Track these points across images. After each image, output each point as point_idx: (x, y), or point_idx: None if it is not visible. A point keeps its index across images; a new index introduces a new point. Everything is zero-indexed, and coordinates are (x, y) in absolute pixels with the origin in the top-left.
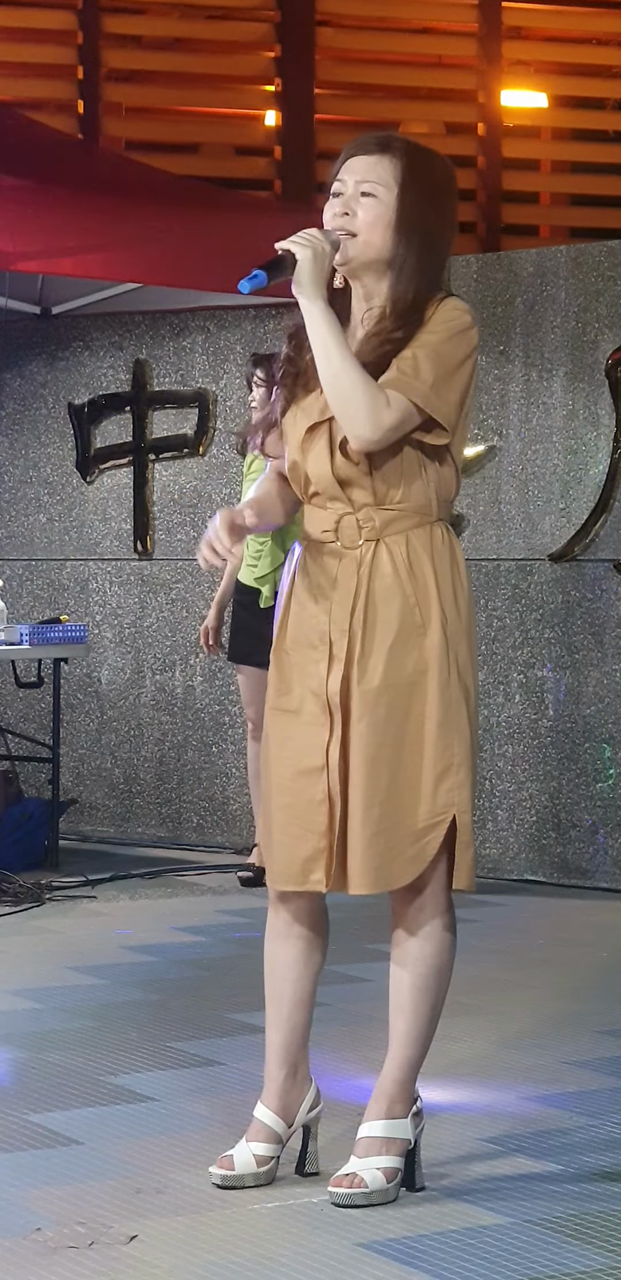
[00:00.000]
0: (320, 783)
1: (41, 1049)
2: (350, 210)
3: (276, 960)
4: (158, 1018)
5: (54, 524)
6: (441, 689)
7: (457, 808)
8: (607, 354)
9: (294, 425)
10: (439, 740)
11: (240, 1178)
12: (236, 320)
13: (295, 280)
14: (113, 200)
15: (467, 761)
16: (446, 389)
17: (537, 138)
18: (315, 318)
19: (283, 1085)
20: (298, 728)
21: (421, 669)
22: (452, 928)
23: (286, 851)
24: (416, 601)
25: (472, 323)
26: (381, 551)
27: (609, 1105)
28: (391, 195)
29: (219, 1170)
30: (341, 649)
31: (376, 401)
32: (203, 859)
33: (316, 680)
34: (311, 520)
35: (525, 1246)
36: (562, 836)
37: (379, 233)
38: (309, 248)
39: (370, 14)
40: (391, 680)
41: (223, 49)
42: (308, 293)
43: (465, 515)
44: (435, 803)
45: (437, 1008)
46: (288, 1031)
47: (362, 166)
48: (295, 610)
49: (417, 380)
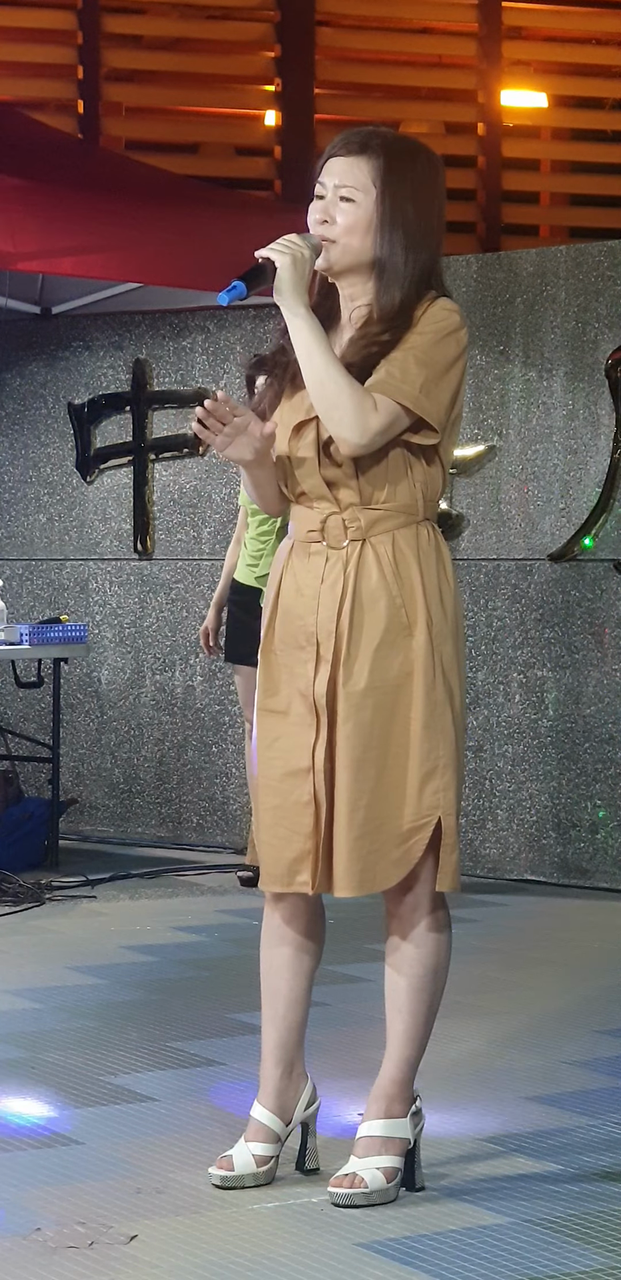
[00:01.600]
0: (306, 784)
1: (41, 1049)
2: (329, 216)
3: (272, 960)
4: (158, 1018)
5: (54, 524)
6: (427, 691)
7: (443, 809)
8: (607, 354)
9: (282, 422)
10: (424, 742)
11: (240, 1178)
12: (236, 320)
13: (276, 288)
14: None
15: (453, 764)
16: (436, 390)
17: (537, 138)
18: (297, 324)
19: (279, 1084)
20: (285, 729)
21: (407, 671)
22: (447, 928)
23: (273, 852)
24: (402, 603)
25: (462, 323)
26: (367, 552)
27: (609, 1105)
28: (369, 198)
29: (218, 1171)
30: (328, 650)
31: (363, 406)
32: (203, 859)
33: (304, 681)
34: (298, 520)
35: (525, 1246)
36: (562, 836)
37: (358, 237)
38: (287, 254)
39: (370, 14)
40: (377, 682)
41: (223, 49)
42: (288, 300)
43: (465, 515)
44: (420, 805)
45: (434, 1007)
46: (284, 1030)
47: (341, 169)
48: (282, 611)
49: (405, 383)
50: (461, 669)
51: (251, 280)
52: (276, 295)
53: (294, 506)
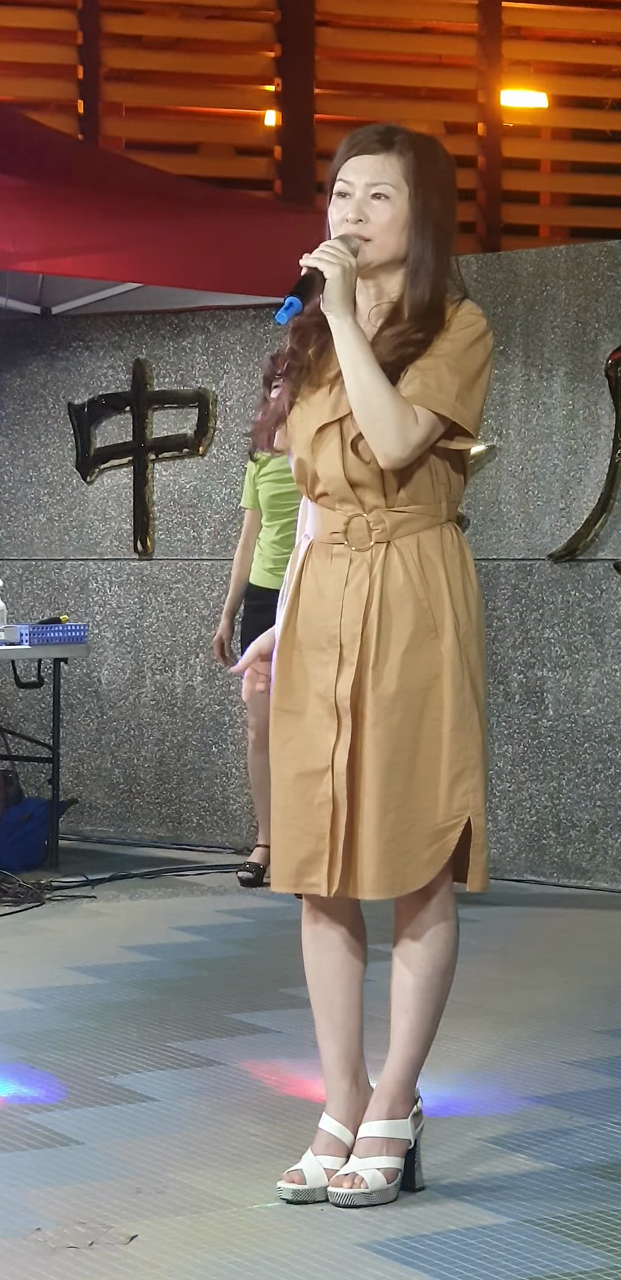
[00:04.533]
0: (323, 785)
1: (41, 1049)
2: (363, 215)
3: (321, 969)
4: (158, 1018)
5: (54, 524)
6: (456, 692)
7: (473, 810)
8: (607, 354)
9: (302, 423)
10: (454, 743)
11: (311, 1191)
12: (236, 320)
13: (325, 299)
14: (112, 200)
15: (481, 764)
16: (470, 396)
17: (537, 138)
18: (345, 334)
19: (347, 1095)
20: (300, 729)
21: (435, 673)
22: (456, 929)
23: (283, 853)
24: (429, 605)
25: (488, 327)
26: (392, 554)
27: (609, 1105)
28: (403, 195)
29: (289, 1185)
30: (353, 653)
31: (405, 420)
32: (203, 859)
33: (323, 683)
34: (319, 521)
35: (525, 1246)
36: (562, 836)
37: (394, 235)
38: (337, 265)
39: (370, 14)
40: (406, 685)
41: (223, 49)
42: (337, 310)
43: (465, 515)
44: (451, 805)
45: (440, 1007)
46: (344, 1039)
47: (370, 167)
48: (302, 612)
49: (442, 392)
50: (484, 671)
51: (304, 293)
52: (325, 305)
53: (313, 506)
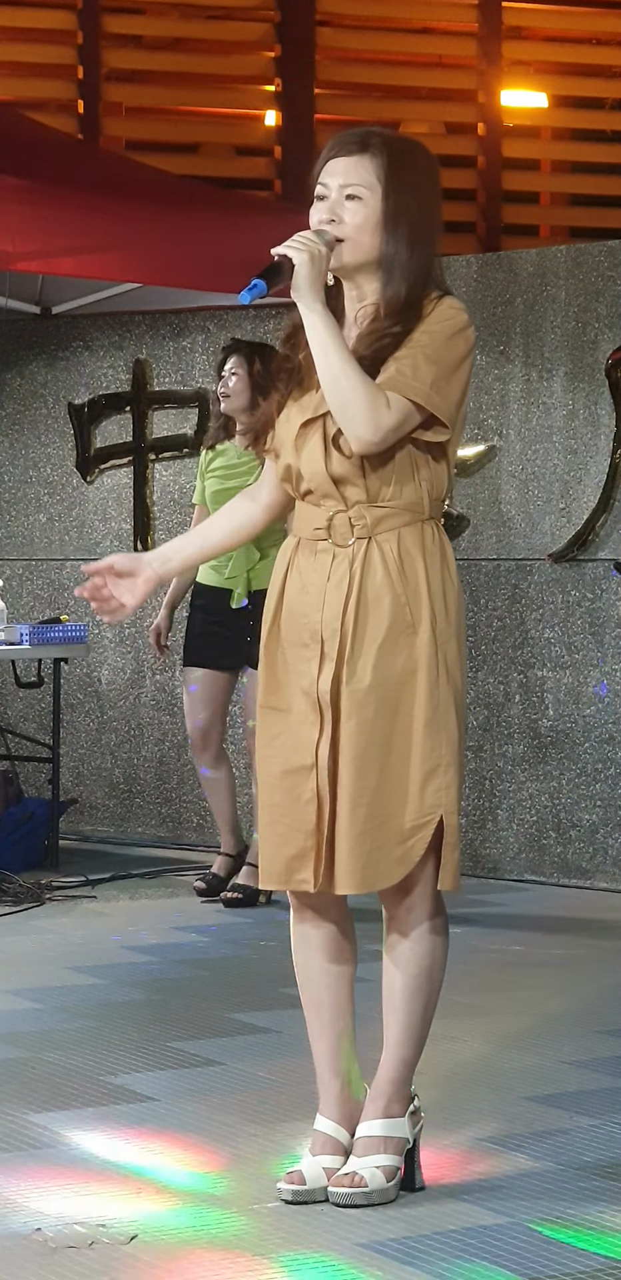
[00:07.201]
0: (309, 781)
1: (41, 1049)
2: (336, 215)
3: (309, 969)
4: (158, 1018)
5: (54, 524)
6: (430, 689)
7: (445, 808)
8: (607, 354)
9: (288, 423)
10: (426, 740)
11: (311, 1192)
12: (236, 320)
13: (294, 285)
14: (113, 200)
15: (455, 762)
16: (446, 387)
17: (537, 138)
18: (314, 321)
19: (340, 1094)
20: (286, 726)
21: (411, 669)
22: (444, 929)
23: (272, 850)
24: (407, 601)
25: (469, 321)
26: (373, 550)
27: (609, 1105)
28: (375, 195)
29: (289, 1185)
30: (333, 648)
31: (376, 404)
32: (203, 859)
33: (307, 679)
34: (303, 518)
35: (525, 1246)
36: (562, 836)
37: (367, 234)
38: (305, 251)
39: (370, 14)
40: (380, 679)
41: (223, 49)
42: (306, 297)
43: (465, 515)
44: (422, 803)
45: (430, 1007)
46: (333, 1039)
47: (344, 168)
48: (287, 609)
49: (416, 379)
50: (463, 668)
51: (271, 278)
52: (294, 292)
53: (299, 504)
